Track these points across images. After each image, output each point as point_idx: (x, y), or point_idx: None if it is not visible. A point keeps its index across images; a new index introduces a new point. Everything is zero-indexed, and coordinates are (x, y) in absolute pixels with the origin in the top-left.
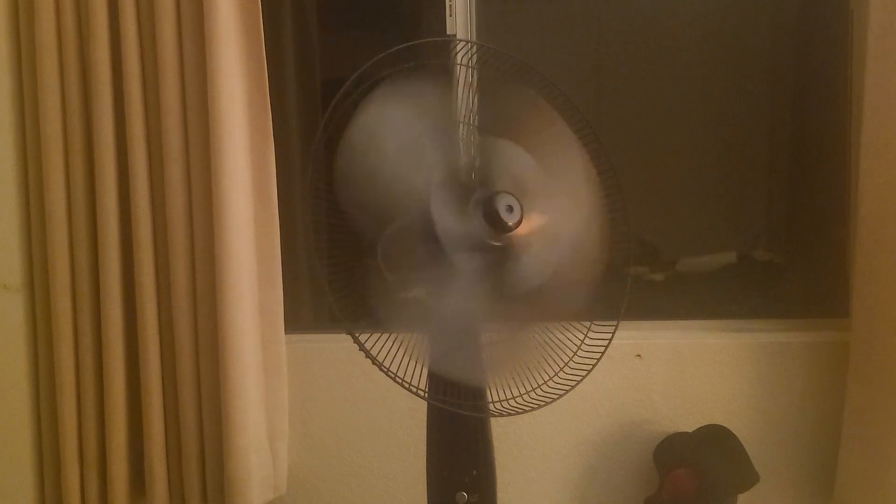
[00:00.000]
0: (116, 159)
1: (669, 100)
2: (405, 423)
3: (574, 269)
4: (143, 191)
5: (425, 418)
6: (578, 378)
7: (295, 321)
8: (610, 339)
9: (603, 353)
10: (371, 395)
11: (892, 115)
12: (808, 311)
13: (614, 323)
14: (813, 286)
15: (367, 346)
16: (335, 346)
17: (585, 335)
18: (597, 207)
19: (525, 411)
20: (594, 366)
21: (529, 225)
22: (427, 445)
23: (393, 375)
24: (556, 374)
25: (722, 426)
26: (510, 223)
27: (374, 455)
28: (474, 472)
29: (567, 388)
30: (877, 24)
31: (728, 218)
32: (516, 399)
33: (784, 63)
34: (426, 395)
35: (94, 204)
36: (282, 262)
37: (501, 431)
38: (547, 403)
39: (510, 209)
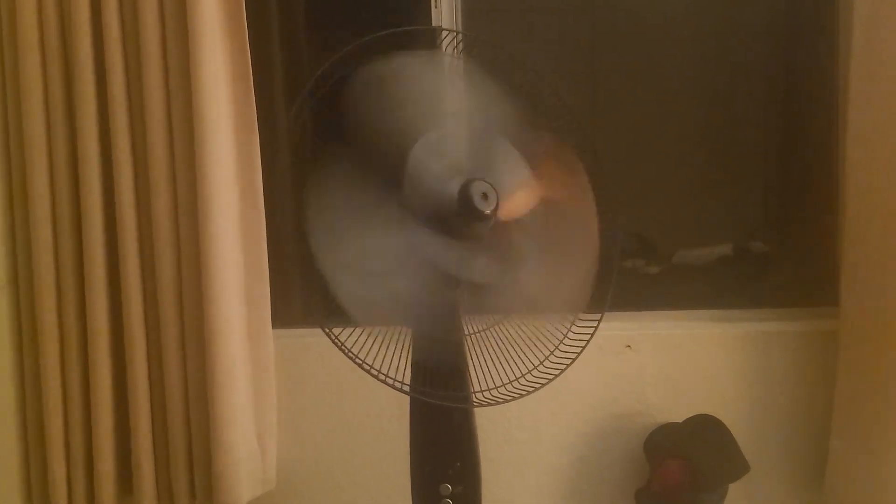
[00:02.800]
0: (100, 154)
1: (661, 93)
2: (394, 417)
3: (558, 262)
4: (127, 185)
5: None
6: (560, 369)
7: (283, 316)
8: (593, 332)
9: (585, 344)
10: (359, 390)
11: (878, 106)
12: (797, 300)
13: (598, 316)
14: (802, 275)
15: (345, 340)
16: (324, 341)
17: (569, 328)
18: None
19: (505, 401)
20: (576, 357)
21: (511, 215)
22: (410, 438)
23: (368, 367)
24: (538, 366)
25: (712, 416)
26: (485, 211)
27: (362, 449)
28: (458, 464)
29: (548, 378)
30: (862, 14)
31: (722, 210)
32: (498, 389)
33: (773, 56)
34: (402, 386)
35: (78, 199)
36: (269, 256)
37: (490, 423)
38: (527, 394)
39: (485, 197)
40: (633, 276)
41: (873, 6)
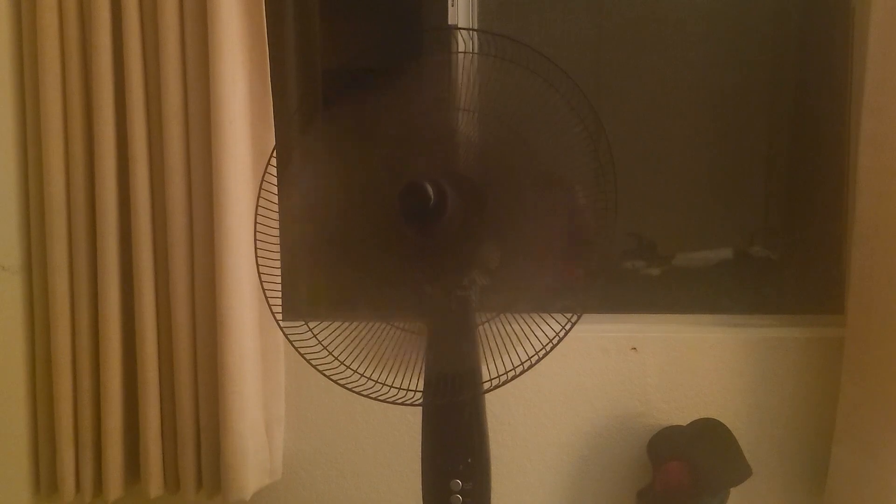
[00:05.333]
0: (116, 143)
1: (667, 94)
2: (401, 410)
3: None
4: (142, 174)
5: (421, 406)
6: (532, 362)
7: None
8: (567, 331)
9: (561, 338)
10: None
11: (893, 112)
12: (803, 306)
13: (574, 317)
14: (808, 282)
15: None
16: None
17: (564, 326)
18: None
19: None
20: (553, 347)
21: (474, 214)
22: (422, 433)
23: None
24: (523, 364)
25: (716, 420)
26: (415, 211)
27: (369, 442)
28: (469, 460)
29: (524, 368)
30: (878, 19)
31: (725, 214)
32: (491, 381)
33: (784, 58)
34: (410, 395)
35: (93, 186)
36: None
37: (496, 422)
38: (500, 384)
39: (421, 196)
40: (633, 277)
41: (890, 8)
